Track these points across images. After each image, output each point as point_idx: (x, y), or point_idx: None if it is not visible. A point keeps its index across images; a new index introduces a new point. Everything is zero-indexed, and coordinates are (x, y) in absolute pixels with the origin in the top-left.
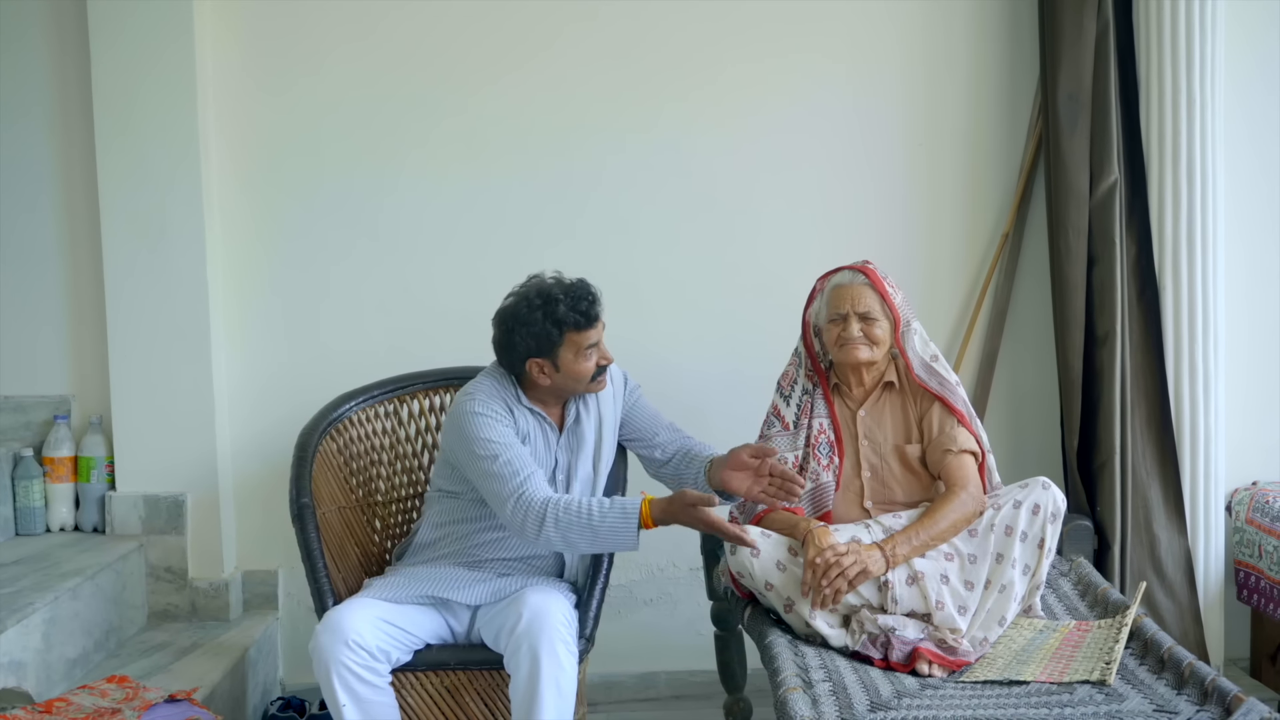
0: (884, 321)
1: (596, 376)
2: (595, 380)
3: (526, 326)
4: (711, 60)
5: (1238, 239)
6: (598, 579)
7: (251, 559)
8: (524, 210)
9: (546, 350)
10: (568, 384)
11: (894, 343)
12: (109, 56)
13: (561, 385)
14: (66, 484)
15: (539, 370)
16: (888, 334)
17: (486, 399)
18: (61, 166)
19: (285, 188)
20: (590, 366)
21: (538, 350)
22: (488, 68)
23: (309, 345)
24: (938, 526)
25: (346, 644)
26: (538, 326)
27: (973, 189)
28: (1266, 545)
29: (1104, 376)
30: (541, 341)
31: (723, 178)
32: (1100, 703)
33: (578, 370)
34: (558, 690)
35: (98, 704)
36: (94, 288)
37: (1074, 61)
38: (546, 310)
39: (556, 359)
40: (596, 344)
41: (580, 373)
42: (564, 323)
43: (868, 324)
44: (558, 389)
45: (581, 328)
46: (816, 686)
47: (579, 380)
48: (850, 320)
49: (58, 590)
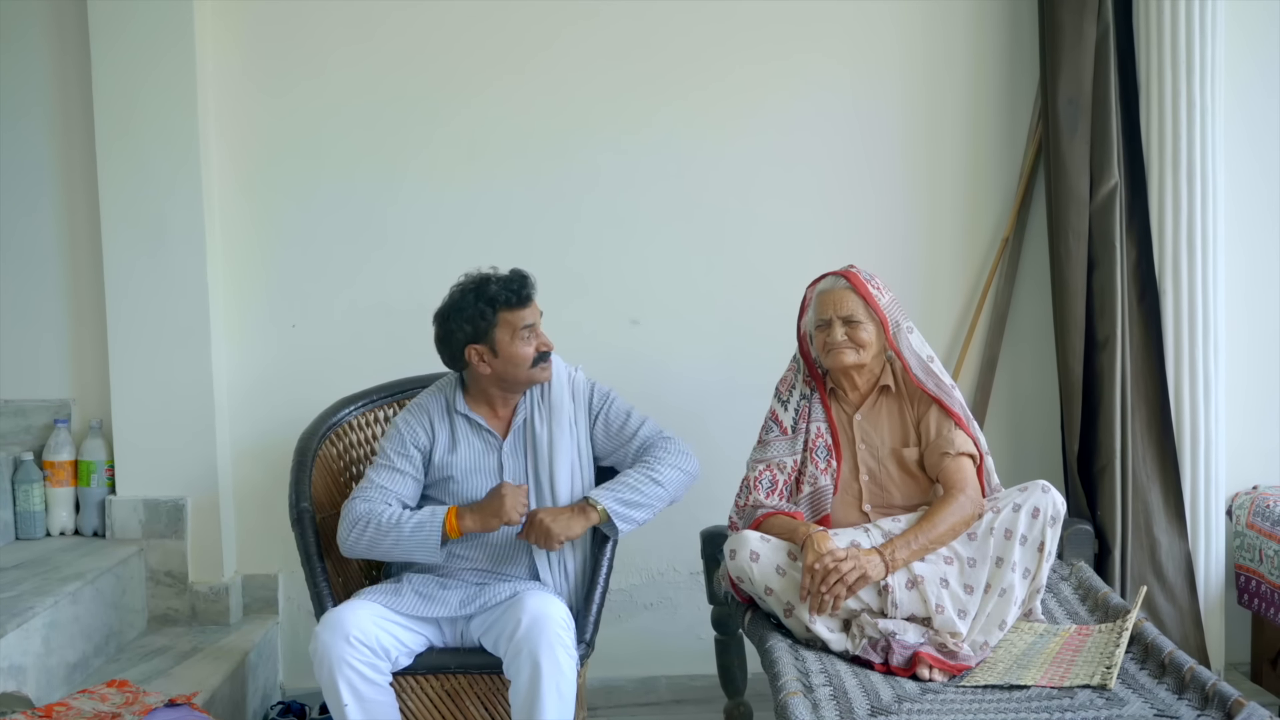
0: (869, 324)
1: (538, 363)
2: (537, 367)
3: (461, 312)
4: (711, 64)
5: (1238, 243)
6: (597, 583)
7: (251, 563)
8: (524, 213)
9: (483, 334)
10: (509, 370)
11: (885, 345)
12: (110, 59)
13: (503, 372)
14: (66, 488)
15: (479, 358)
16: (874, 337)
17: (417, 408)
18: (62, 169)
19: (286, 190)
20: (529, 351)
21: (474, 335)
22: (488, 70)
23: (309, 349)
24: (936, 530)
25: (349, 640)
26: (470, 309)
27: (973, 193)
28: (1267, 549)
29: (1104, 380)
30: (476, 324)
31: (721, 182)
32: (1101, 707)
33: (515, 353)
34: (559, 695)
35: (98, 708)
36: (94, 291)
37: (1074, 65)
38: (479, 293)
39: (493, 342)
40: (532, 326)
41: (518, 356)
42: (496, 300)
43: (852, 328)
44: (501, 378)
45: (513, 306)
46: (817, 691)
47: (519, 365)
48: (834, 325)
49: (58, 594)
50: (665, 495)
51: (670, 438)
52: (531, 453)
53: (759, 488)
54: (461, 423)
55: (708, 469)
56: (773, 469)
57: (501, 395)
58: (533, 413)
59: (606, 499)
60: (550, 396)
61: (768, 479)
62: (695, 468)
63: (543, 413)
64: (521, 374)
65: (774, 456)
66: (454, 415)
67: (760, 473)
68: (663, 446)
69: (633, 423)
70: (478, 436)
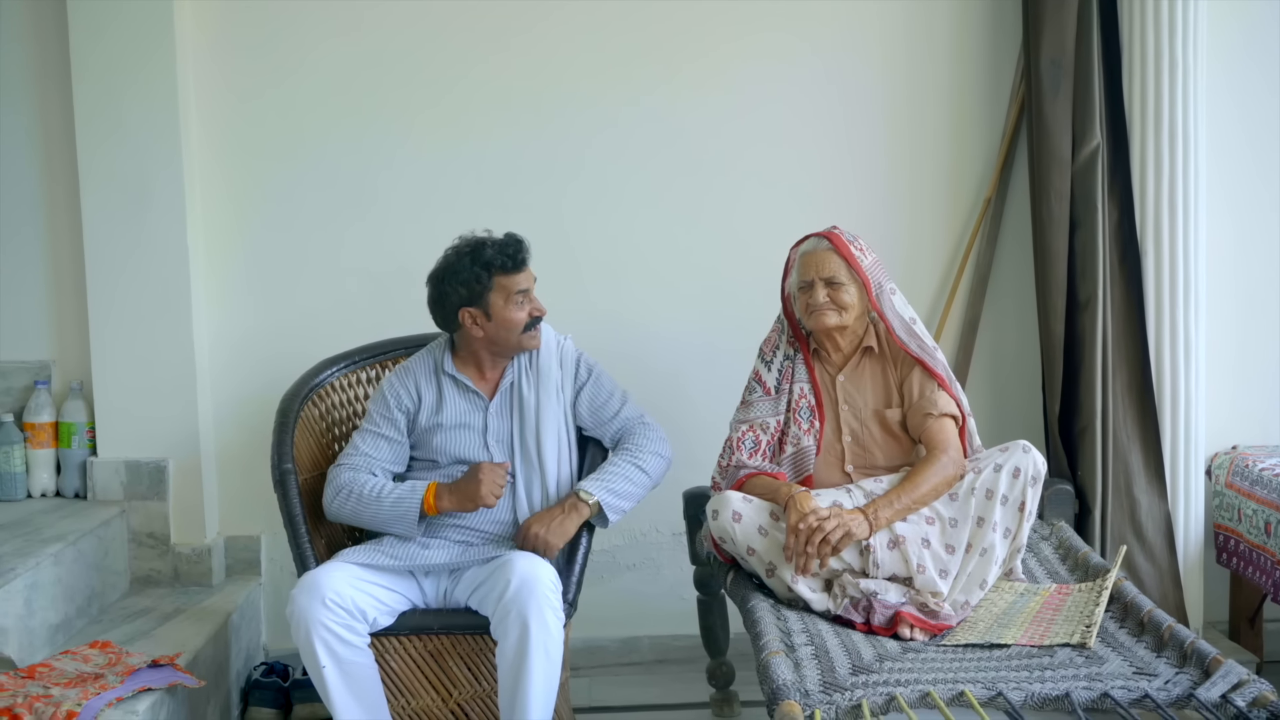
0: (851, 286)
1: (529, 328)
2: (528, 333)
3: (456, 275)
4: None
5: (1219, 204)
6: (579, 544)
7: (234, 524)
8: (505, 176)
9: (477, 297)
10: (501, 334)
11: (868, 307)
12: (87, 20)
13: (495, 336)
14: (48, 449)
15: (472, 321)
16: (856, 298)
17: (404, 370)
18: (40, 131)
19: (266, 153)
20: (522, 316)
21: (469, 298)
22: (475, 40)
23: (290, 311)
24: (919, 490)
25: (324, 602)
26: (466, 273)
27: (955, 154)
28: (1246, 509)
29: (1085, 341)
30: (471, 288)
31: (703, 147)
32: (1080, 665)
33: (509, 318)
34: (546, 655)
35: (80, 669)
36: (74, 253)
37: (1057, 26)
38: (474, 256)
39: (487, 305)
40: (526, 291)
41: (512, 321)
42: (491, 265)
43: (834, 289)
44: (493, 342)
45: (509, 270)
46: (799, 650)
47: (511, 329)
48: (816, 287)
49: (40, 556)
50: (649, 483)
51: (649, 423)
52: (518, 416)
53: (741, 448)
54: (449, 383)
55: (688, 430)
56: (755, 429)
57: (491, 359)
58: (520, 377)
59: (599, 491)
60: (539, 362)
61: (750, 439)
62: (671, 454)
63: (530, 378)
64: (513, 339)
65: (757, 417)
66: (441, 376)
67: (743, 433)
68: (643, 433)
69: (615, 402)
70: (464, 397)
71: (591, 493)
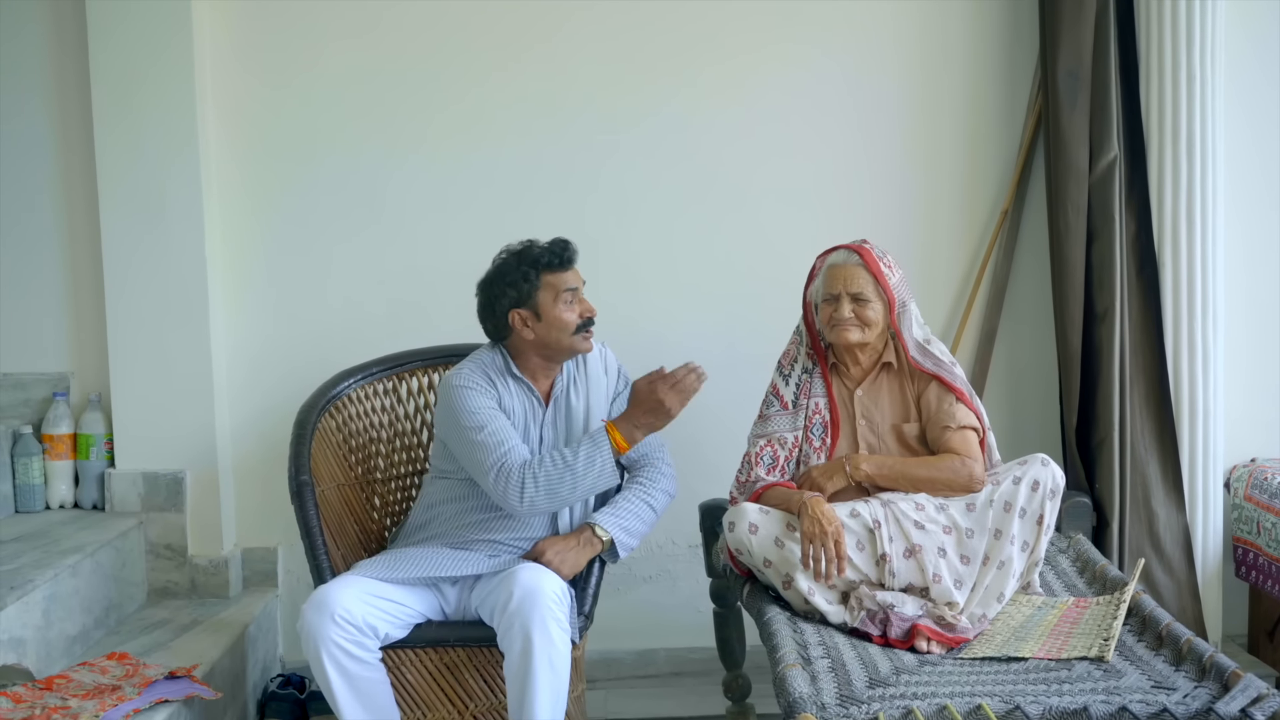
0: (877, 303)
1: (580, 330)
2: (580, 334)
3: (504, 277)
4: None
5: (1237, 216)
6: (592, 568)
7: (251, 536)
8: (525, 188)
9: (526, 297)
10: (552, 335)
11: (889, 324)
12: (107, 33)
13: (546, 337)
14: (66, 461)
15: (522, 323)
16: (881, 315)
17: (470, 373)
18: (60, 143)
19: (284, 164)
20: (572, 316)
21: (518, 299)
22: (493, 51)
23: (308, 322)
24: (913, 470)
25: (333, 619)
26: (514, 274)
27: (972, 166)
28: (1265, 522)
29: (1103, 353)
30: (519, 288)
31: (721, 156)
32: (1098, 679)
33: (558, 317)
34: (551, 667)
35: (98, 681)
36: (93, 265)
37: (1074, 37)
38: (521, 256)
39: (536, 305)
40: (575, 290)
41: (562, 321)
42: (539, 262)
43: (859, 305)
44: (544, 344)
45: (555, 268)
46: (815, 663)
47: (562, 330)
48: (842, 301)
49: (58, 567)
50: (654, 521)
51: (664, 455)
52: (566, 422)
53: (760, 463)
54: (514, 382)
55: (706, 439)
56: (773, 444)
57: (544, 365)
58: (569, 384)
59: (615, 530)
60: (587, 368)
61: (769, 455)
62: (676, 491)
63: (579, 385)
64: (565, 340)
65: (775, 431)
66: (507, 376)
67: (761, 448)
68: (657, 467)
69: None
70: (527, 402)
71: (607, 530)
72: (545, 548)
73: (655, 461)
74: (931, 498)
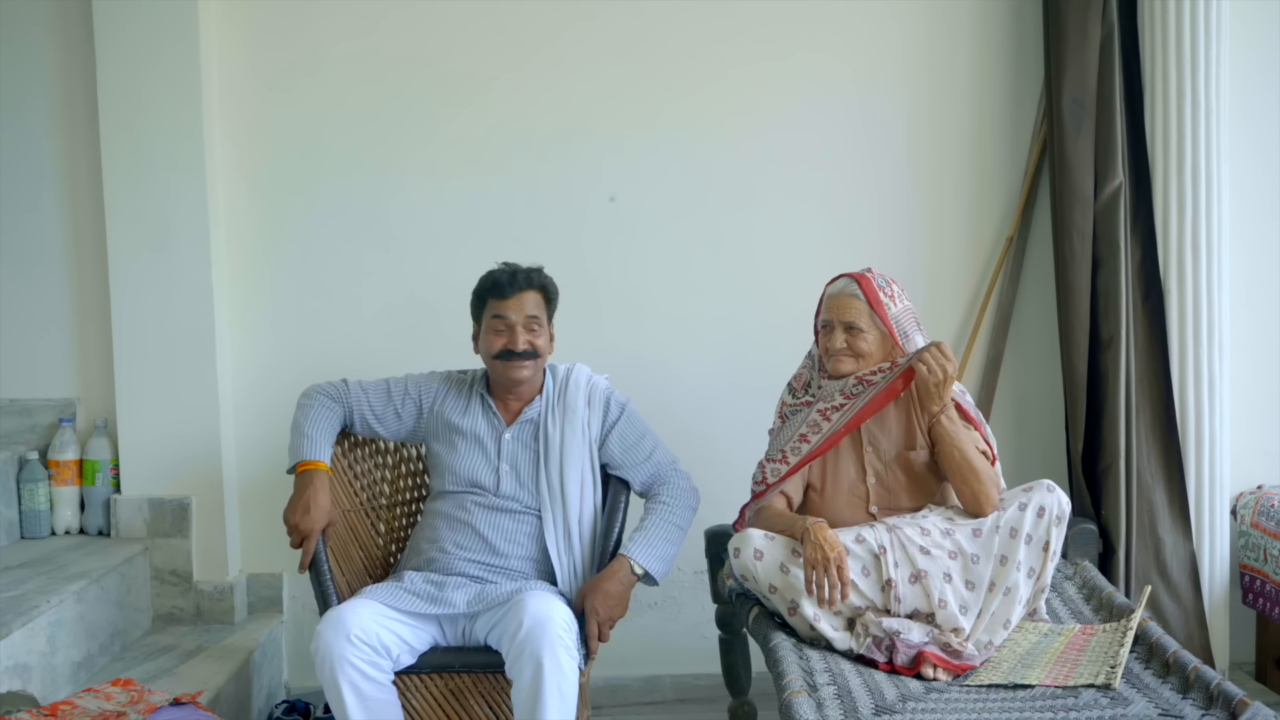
0: (870, 333)
1: (501, 357)
2: (501, 361)
3: (472, 303)
4: (714, 61)
5: (1242, 243)
6: None
7: (256, 562)
8: (527, 213)
9: (476, 322)
10: (485, 360)
11: (889, 354)
12: (114, 56)
13: (485, 363)
14: (71, 487)
15: (477, 345)
16: (875, 346)
17: (444, 375)
18: (66, 167)
19: (290, 189)
20: (495, 342)
21: (475, 319)
22: (490, 68)
23: (313, 348)
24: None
25: (350, 639)
26: (474, 299)
27: (977, 193)
28: (1272, 549)
29: (1108, 380)
30: (474, 312)
31: (724, 182)
32: (1105, 706)
33: (486, 343)
34: (560, 695)
35: (103, 707)
36: (99, 290)
37: (1079, 65)
38: (480, 283)
39: (480, 328)
40: (505, 319)
41: (487, 346)
42: (485, 288)
43: (852, 335)
44: (488, 370)
45: (494, 295)
46: (821, 690)
47: (487, 356)
48: (835, 331)
49: (63, 593)
50: (683, 537)
51: (680, 470)
52: (543, 449)
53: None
54: (477, 399)
55: (710, 469)
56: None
57: (500, 388)
58: (547, 412)
59: (650, 560)
60: (565, 398)
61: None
62: (698, 499)
63: (556, 414)
64: (492, 365)
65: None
66: (473, 391)
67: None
68: (675, 483)
69: (647, 444)
70: (485, 416)
71: (641, 564)
72: (593, 601)
73: (670, 479)
74: (938, 523)
